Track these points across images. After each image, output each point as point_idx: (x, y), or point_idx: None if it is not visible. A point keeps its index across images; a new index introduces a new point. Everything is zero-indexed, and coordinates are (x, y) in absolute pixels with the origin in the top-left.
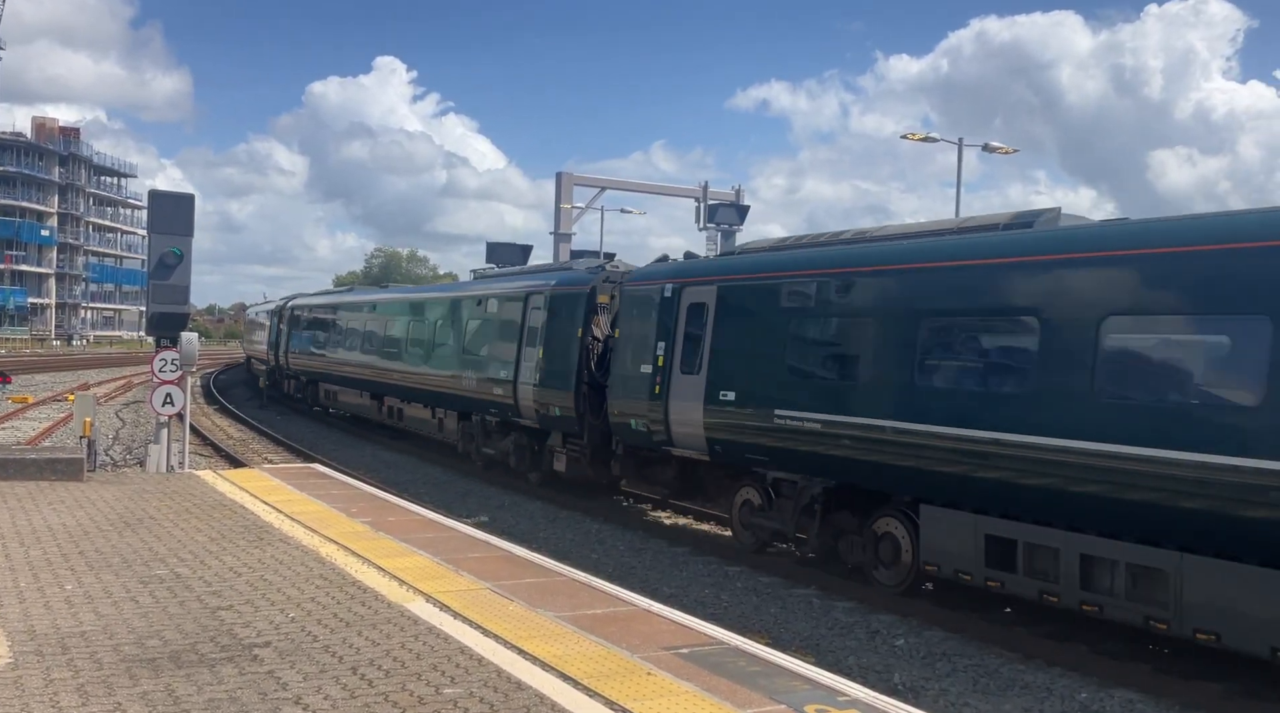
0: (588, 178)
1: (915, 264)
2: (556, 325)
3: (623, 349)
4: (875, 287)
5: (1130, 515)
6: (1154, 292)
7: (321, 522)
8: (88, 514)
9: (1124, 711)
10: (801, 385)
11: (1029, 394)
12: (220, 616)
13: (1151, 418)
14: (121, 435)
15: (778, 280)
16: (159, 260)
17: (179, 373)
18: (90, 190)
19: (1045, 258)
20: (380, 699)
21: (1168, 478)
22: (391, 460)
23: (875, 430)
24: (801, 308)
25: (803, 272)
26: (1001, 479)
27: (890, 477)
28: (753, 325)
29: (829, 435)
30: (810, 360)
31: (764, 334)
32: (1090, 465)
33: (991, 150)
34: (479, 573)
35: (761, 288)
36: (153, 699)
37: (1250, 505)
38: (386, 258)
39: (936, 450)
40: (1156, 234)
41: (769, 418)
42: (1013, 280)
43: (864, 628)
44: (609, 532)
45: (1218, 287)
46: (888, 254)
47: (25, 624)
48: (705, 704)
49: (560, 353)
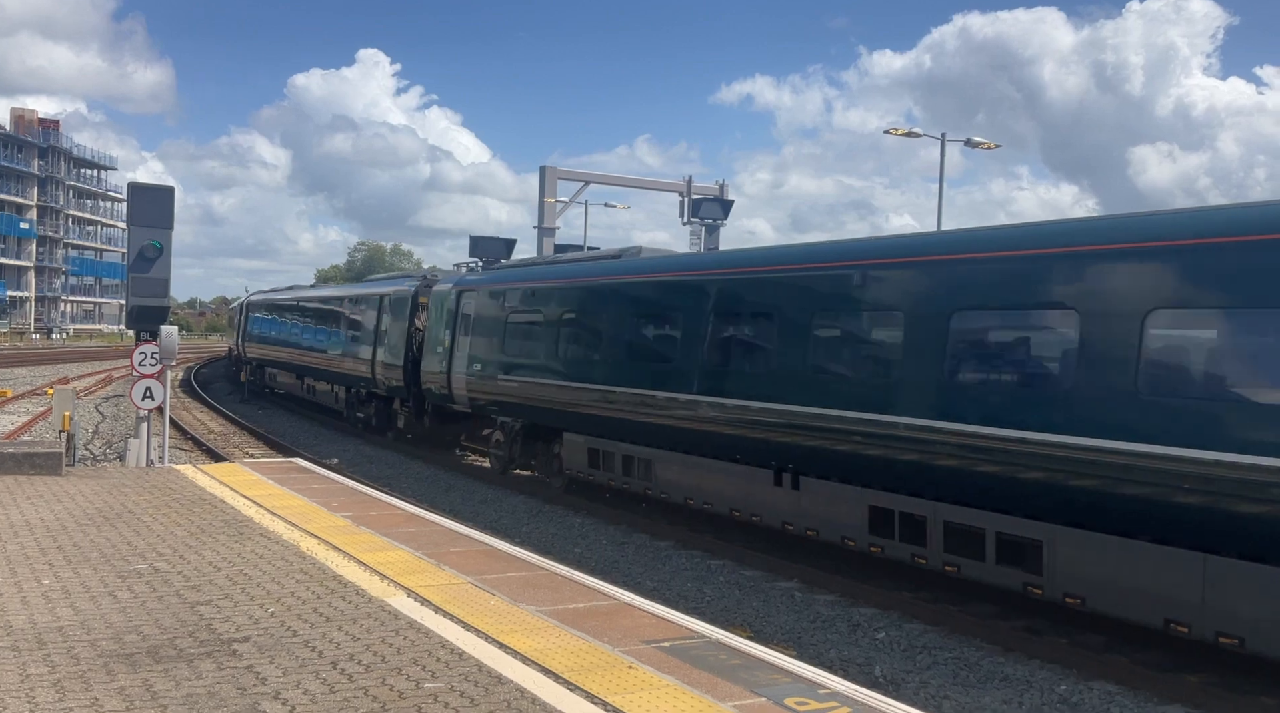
0: (572, 172)
1: (560, 281)
2: (393, 320)
3: (428, 337)
4: (544, 295)
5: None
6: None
7: (302, 516)
8: (66, 509)
9: (1103, 703)
10: (511, 361)
11: (678, 360)
12: (199, 611)
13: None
14: (101, 430)
15: (501, 288)
16: (139, 253)
17: (159, 367)
18: (70, 183)
19: (644, 277)
20: (360, 694)
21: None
22: (374, 455)
23: (545, 389)
24: (513, 307)
25: (510, 283)
26: (586, 414)
27: (555, 418)
28: (490, 320)
29: (524, 394)
30: (514, 345)
31: (493, 326)
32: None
33: (974, 146)
34: (461, 568)
35: (495, 293)
36: (130, 695)
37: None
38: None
39: (568, 400)
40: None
41: (496, 383)
42: (604, 294)
43: (845, 621)
44: (592, 526)
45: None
46: (549, 273)
47: (2, 619)
48: (686, 698)
49: (395, 341)
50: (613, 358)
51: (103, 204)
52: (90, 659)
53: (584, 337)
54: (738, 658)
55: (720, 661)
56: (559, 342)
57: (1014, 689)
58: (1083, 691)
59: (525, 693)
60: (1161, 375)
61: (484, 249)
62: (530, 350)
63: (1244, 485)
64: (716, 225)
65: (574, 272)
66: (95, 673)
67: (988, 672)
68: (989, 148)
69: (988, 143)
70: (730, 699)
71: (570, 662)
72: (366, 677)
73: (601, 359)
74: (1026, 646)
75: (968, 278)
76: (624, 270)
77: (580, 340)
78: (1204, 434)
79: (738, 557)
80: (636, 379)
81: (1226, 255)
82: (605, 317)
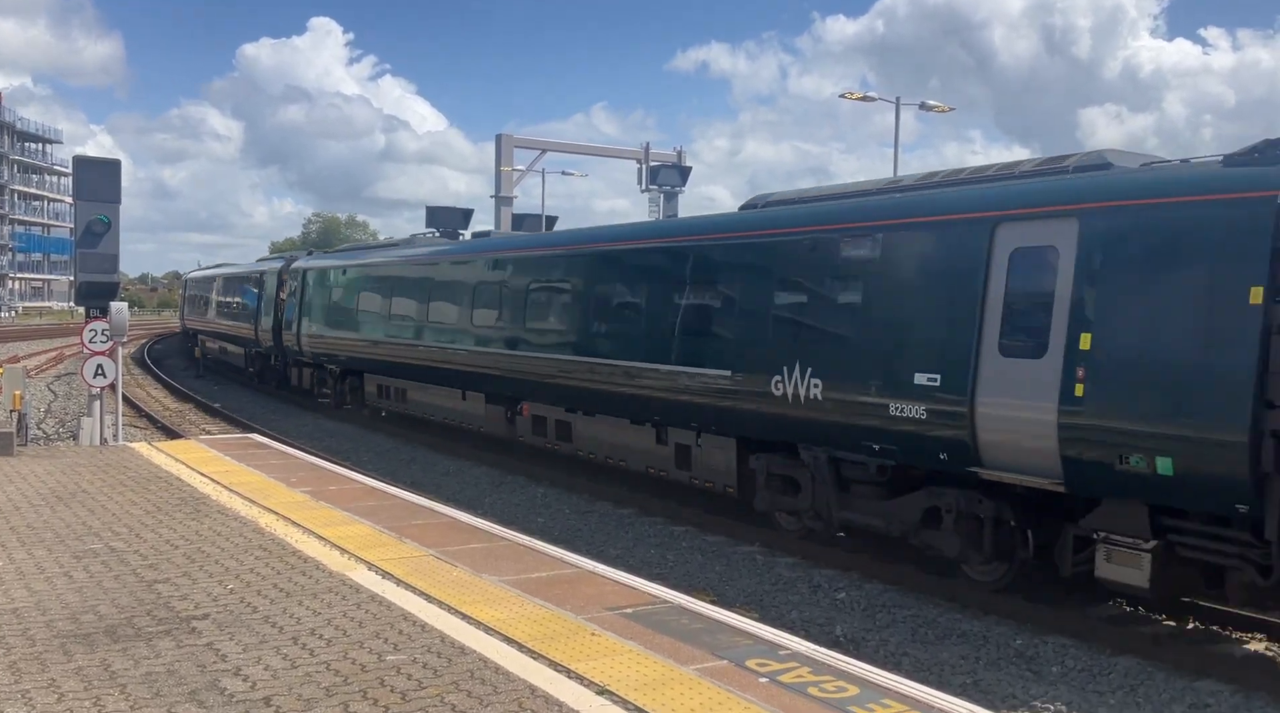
0: (528, 140)
1: (355, 263)
2: (267, 293)
3: (288, 304)
4: (349, 274)
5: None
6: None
7: (260, 492)
8: (18, 489)
9: (1057, 655)
10: (332, 324)
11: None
12: (157, 589)
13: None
14: (53, 408)
15: (325, 268)
16: (86, 228)
17: (110, 343)
18: (15, 157)
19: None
20: (322, 668)
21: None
22: (332, 429)
23: (354, 344)
24: (332, 284)
25: (330, 264)
26: (376, 360)
27: (359, 365)
28: (320, 293)
29: (340, 348)
30: (334, 312)
31: (322, 298)
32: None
33: (928, 109)
34: (423, 540)
35: (320, 272)
36: (88, 675)
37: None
38: (325, 224)
39: (365, 352)
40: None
41: (324, 340)
42: (379, 274)
43: (806, 583)
44: (555, 496)
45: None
46: (351, 257)
47: None
48: (648, 662)
49: (268, 308)
50: (386, 320)
51: (49, 179)
52: (46, 641)
53: (374, 305)
54: (700, 622)
55: (683, 625)
56: (360, 309)
57: (971, 645)
58: (1038, 644)
59: (488, 663)
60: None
61: (440, 220)
62: (345, 316)
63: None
64: (675, 192)
65: (364, 256)
66: (52, 654)
67: (945, 628)
68: (943, 111)
69: (941, 106)
70: (692, 663)
71: (533, 631)
72: (328, 651)
73: (382, 322)
74: (984, 603)
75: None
76: (388, 257)
77: (371, 308)
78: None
79: (700, 523)
80: (398, 335)
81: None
82: (381, 291)
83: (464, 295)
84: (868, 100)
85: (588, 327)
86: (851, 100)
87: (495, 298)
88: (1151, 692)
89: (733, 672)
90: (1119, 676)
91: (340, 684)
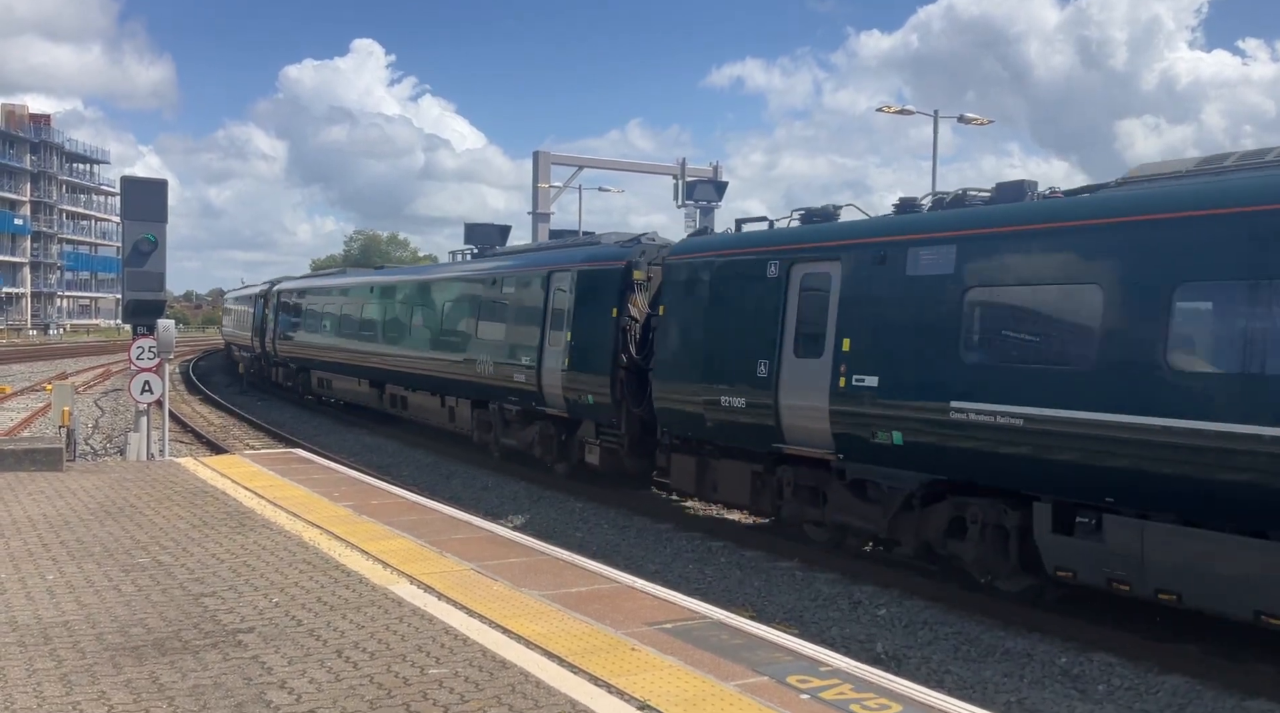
0: (565, 157)
1: (303, 286)
2: (257, 309)
3: (266, 319)
4: (302, 295)
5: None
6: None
7: (304, 507)
8: (68, 504)
9: (1103, 673)
10: (286, 332)
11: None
12: (203, 602)
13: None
14: (101, 424)
15: (286, 291)
16: (133, 247)
17: (157, 360)
18: (63, 178)
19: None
20: (365, 681)
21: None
22: (375, 445)
23: (305, 348)
24: (289, 302)
25: (296, 286)
26: (316, 360)
27: (307, 362)
28: (285, 309)
29: (297, 352)
30: (286, 323)
31: (289, 312)
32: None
33: (967, 122)
34: (463, 554)
35: (285, 293)
36: (137, 688)
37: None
38: (366, 241)
39: (308, 354)
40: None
41: (285, 343)
42: (317, 296)
43: (846, 599)
44: (593, 510)
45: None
46: (306, 286)
47: (7, 615)
48: (689, 678)
49: (258, 321)
50: (318, 331)
51: (96, 199)
52: (96, 653)
53: (310, 320)
54: (740, 638)
55: (722, 641)
56: (303, 323)
57: (1015, 663)
58: (1083, 662)
59: (529, 677)
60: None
61: (479, 236)
62: (294, 329)
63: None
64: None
65: (306, 282)
66: (102, 667)
67: (988, 646)
68: (981, 124)
69: (980, 119)
70: (733, 679)
71: (573, 645)
72: (371, 664)
73: (316, 332)
74: (1027, 619)
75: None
76: (315, 284)
77: (309, 322)
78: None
79: (738, 537)
80: (324, 342)
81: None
82: (313, 310)
83: (355, 313)
84: (905, 113)
85: (408, 334)
86: (889, 114)
87: (370, 315)
88: (1201, 711)
89: (774, 688)
90: (1167, 694)
91: (384, 698)
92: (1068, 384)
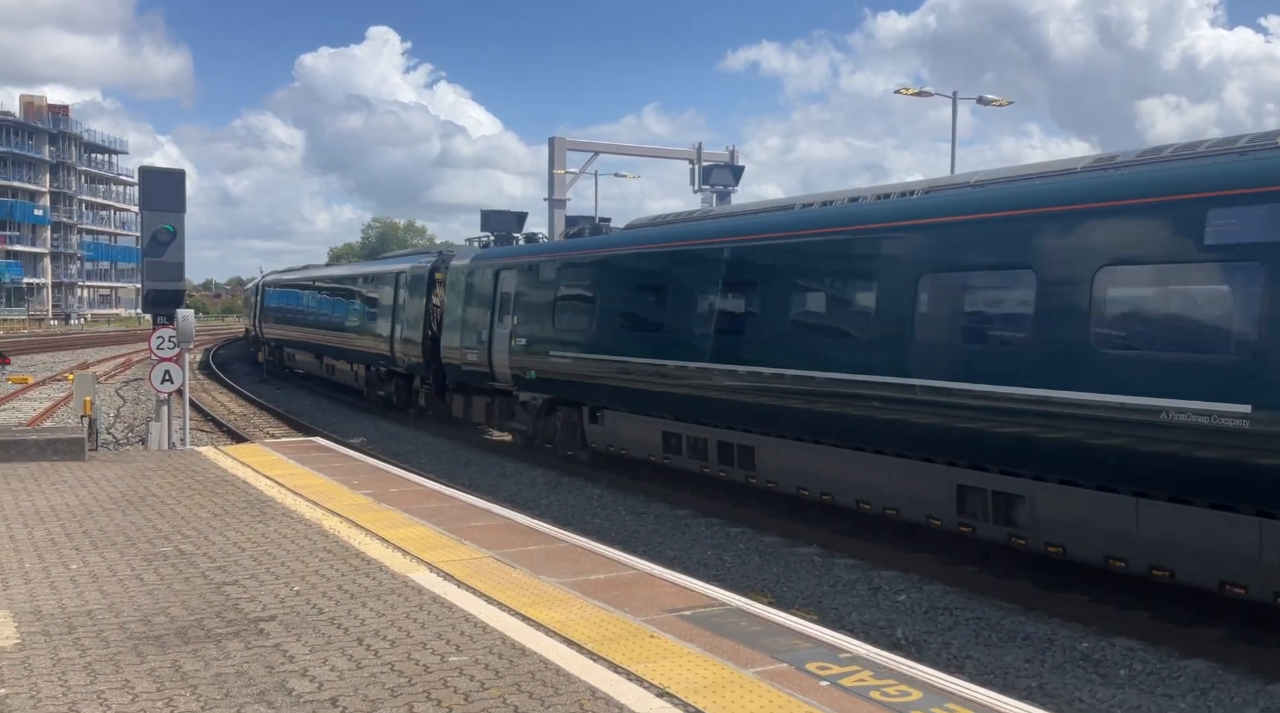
0: (581, 142)
1: (291, 279)
2: (253, 299)
3: (252, 308)
4: (275, 288)
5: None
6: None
7: (324, 495)
8: (90, 493)
9: (1124, 658)
10: (268, 317)
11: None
12: (225, 591)
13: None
14: (122, 414)
15: (267, 282)
16: (152, 237)
17: (177, 350)
18: (82, 168)
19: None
20: (386, 669)
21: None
22: (393, 432)
23: (292, 331)
24: (269, 291)
25: (287, 278)
26: (306, 343)
27: (295, 346)
28: (267, 298)
29: (288, 336)
30: (267, 309)
31: (284, 302)
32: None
33: (986, 103)
34: (482, 542)
35: (280, 285)
36: (160, 676)
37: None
38: (384, 228)
39: (299, 340)
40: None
41: (269, 326)
42: (301, 288)
43: (866, 584)
44: (610, 497)
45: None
46: (298, 277)
47: (31, 605)
48: (708, 665)
49: (250, 313)
50: (289, 316)
51: (115, 189)
52: (120, 642)
53: (285, 306)
54: (759, 625)
55: (741, 627)
56: (279, 308)
57: (1036, 648)
58: (1104, 647)
59: (549, 664)
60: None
61: (495, 223)
62: (273, 313)
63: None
64: (728, 192)
65: (279, 276)
66: (125, 656)
67: (1009, 631)
68: (1001, 105)
69: (1000, 100)
70: (752, 666)
71: (593, 632)
72: (392, 652)
73: (288, 316)
74: (1048, 604)
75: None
76: (287, 278)
77: (284, 307)
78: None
79: (756, 523)
80: (292, 323)
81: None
82: (285, 297)
83: (301, 303)
84: (923, 95)
85: (330, 319)
86: (906, 96)
87: (320, 303)
88: (1223, 695)
89: (793, 675)
90: (1189, 679)
91: (404, 685)
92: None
